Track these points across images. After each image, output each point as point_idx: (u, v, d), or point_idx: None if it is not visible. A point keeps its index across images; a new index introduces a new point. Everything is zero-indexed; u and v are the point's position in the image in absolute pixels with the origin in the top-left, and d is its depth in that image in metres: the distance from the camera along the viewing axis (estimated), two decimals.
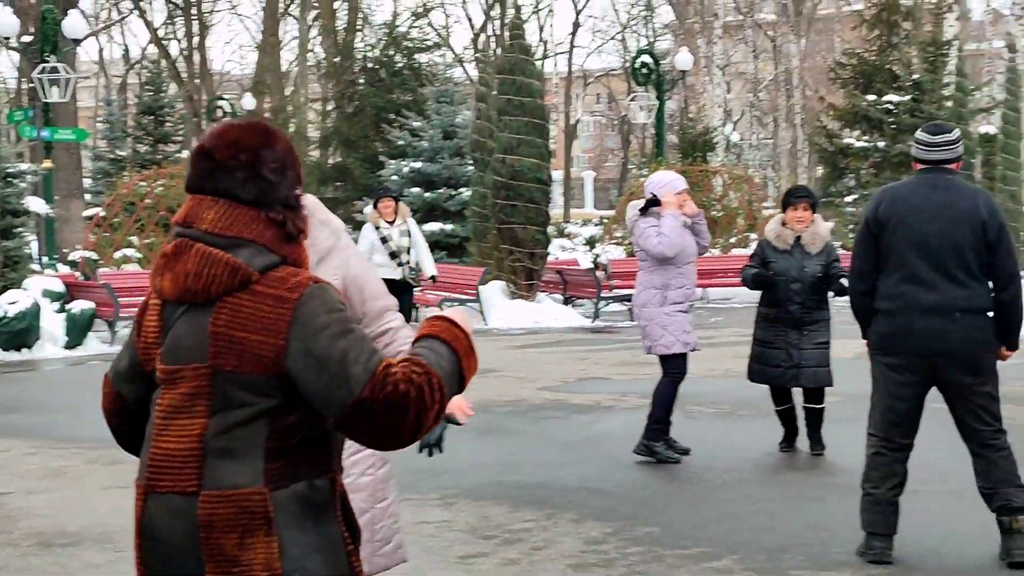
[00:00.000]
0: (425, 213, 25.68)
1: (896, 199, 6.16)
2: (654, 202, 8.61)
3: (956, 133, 6.36)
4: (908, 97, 27.20)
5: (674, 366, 8.76)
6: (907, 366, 6.09)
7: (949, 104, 24.70)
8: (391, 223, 14.70)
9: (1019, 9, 35.33)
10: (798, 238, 8.90)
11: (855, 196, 27.72)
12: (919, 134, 6.36)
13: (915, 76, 28.05)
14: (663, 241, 8.51)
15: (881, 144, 27.14)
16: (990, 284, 6.13)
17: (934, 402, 6.34)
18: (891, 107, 27.27)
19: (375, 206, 14.97)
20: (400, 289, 13.94)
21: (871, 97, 27.87)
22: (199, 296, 2.76)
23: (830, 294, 8.99)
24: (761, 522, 7.11)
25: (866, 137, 28.06)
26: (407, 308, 14.89)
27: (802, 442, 9.17)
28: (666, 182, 8.85)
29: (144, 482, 2.81)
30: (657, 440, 8.83)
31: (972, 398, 6.13)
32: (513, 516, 7.34)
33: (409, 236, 14.79)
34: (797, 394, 9.15)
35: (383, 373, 2.68)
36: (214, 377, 2.74)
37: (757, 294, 9.21)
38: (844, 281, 8.79)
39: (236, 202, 2.81)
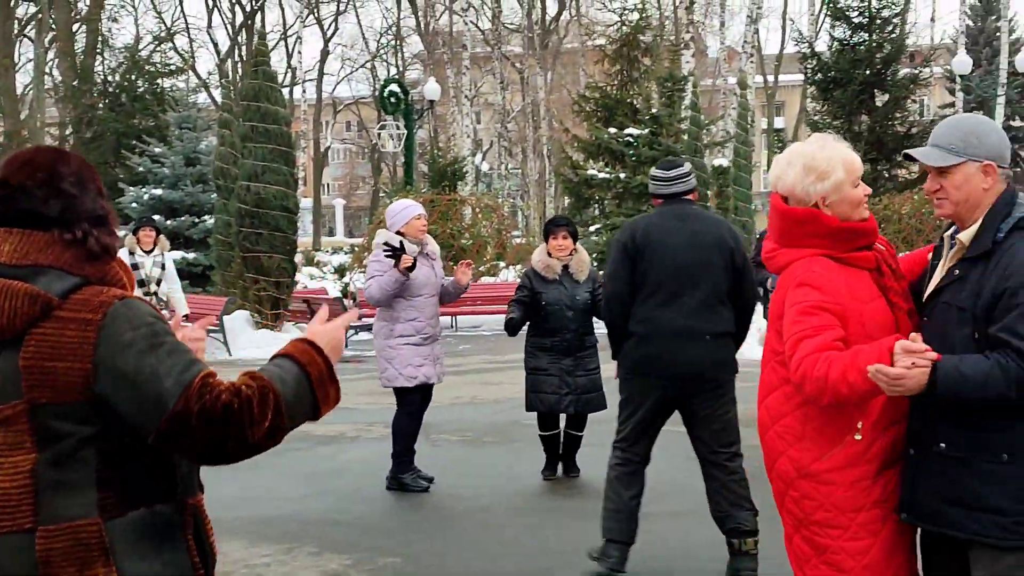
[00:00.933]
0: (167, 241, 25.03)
1: (651, 227, 6.40)
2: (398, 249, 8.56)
3: (687, 166, 6.68)
4: (647, 130, 28.11)
5: (404, 400, 8.77)
6: (657, 387, 6.32)
7: (685, 137, 25.62)
8: (148, 252, 14.37)
9: (751, 48, 37.07)
10: (566, 267, 9.03)
11: (598, 226, 28.48)
12: (654, 171, 6.65)
13: (654, 110, 29.03)
14: (367, 288, 8.59)
15: (623, 175, 27.92)
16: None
17: (672, 424, 6.56)
18: (631, 140, 28.12)
19: (135, 233, 14.62)
20: None
21: (613, 130, 28.68)
22: (6, 332, 2.67)
23: (595, 320, 9.14)
24: (501, 549, 7.18)
25: (608, 168, 28.83)
26: None
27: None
28: (400, 210, 8.87)
29: None
30: (404, 472, 8.84)
31: (714, 421, 6.39)
32: (251, 551, 7.20)
33: (163, 268, 14.49)
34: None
35: (200, 384, 2.61)
36: (33, 412, 2.66)
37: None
38: None
39: (35, 228, 2.73)
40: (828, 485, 3.66)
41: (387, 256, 8.49)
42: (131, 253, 14.36)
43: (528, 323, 9.07)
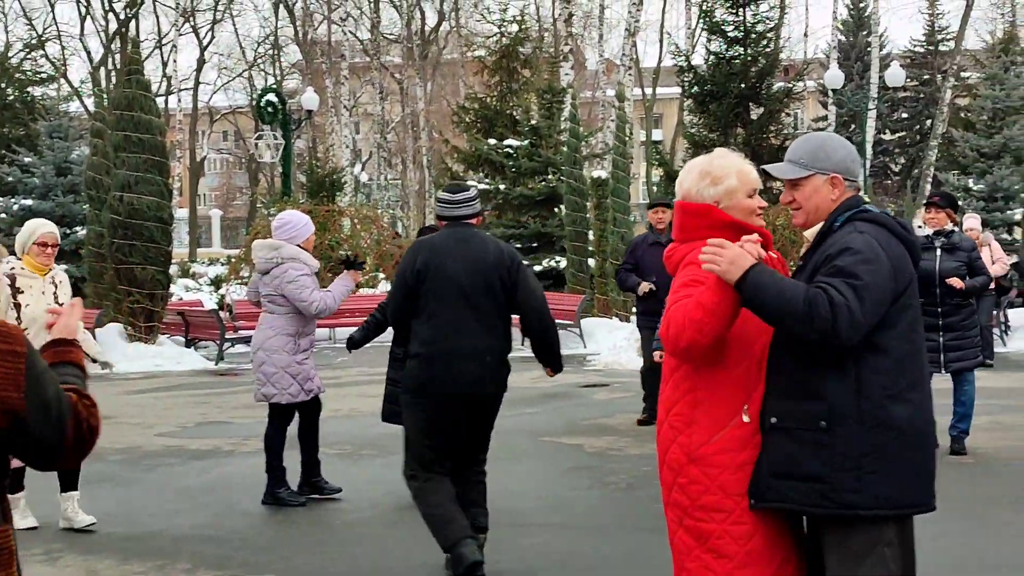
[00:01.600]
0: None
1: (433, 251, 6.61)
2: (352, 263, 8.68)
3: (473, 191, 6.90)
4: (527, 142, 28.24)
5: (282, 414, 8.71)
6: (445, 407, 6.53)
7: (565, 148, 25.78)
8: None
9: (628, 61, 37.45)
10: None
11: None
12: (440, 194, 6.91)
13: (533, 121, 29.17)
14: (318, 303, 8.46)
15: (502, 186, 27.99)
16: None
17: (561, 437, 6.59)
18: (511, 151, 28.22)
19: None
20: None
21: (492, 141, 28.74)
22: None
23: None
24: (378, 562, 7.14)
25: (488, 179, 28.89)
26: None
27: None
28: (303, 224, 8.77)
29: None
30: (279, 487, 8.75)
31: (482, 432, 6.77)
32: (122, 568, 7.05)
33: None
34: None
35: (74, 412, 2.82)
36: None
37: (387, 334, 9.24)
38: None
39: None
40: (716, 468, 3.79)
41: (345, 265, 8.67)
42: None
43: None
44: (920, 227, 10.01)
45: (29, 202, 25.89)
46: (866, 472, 3.55)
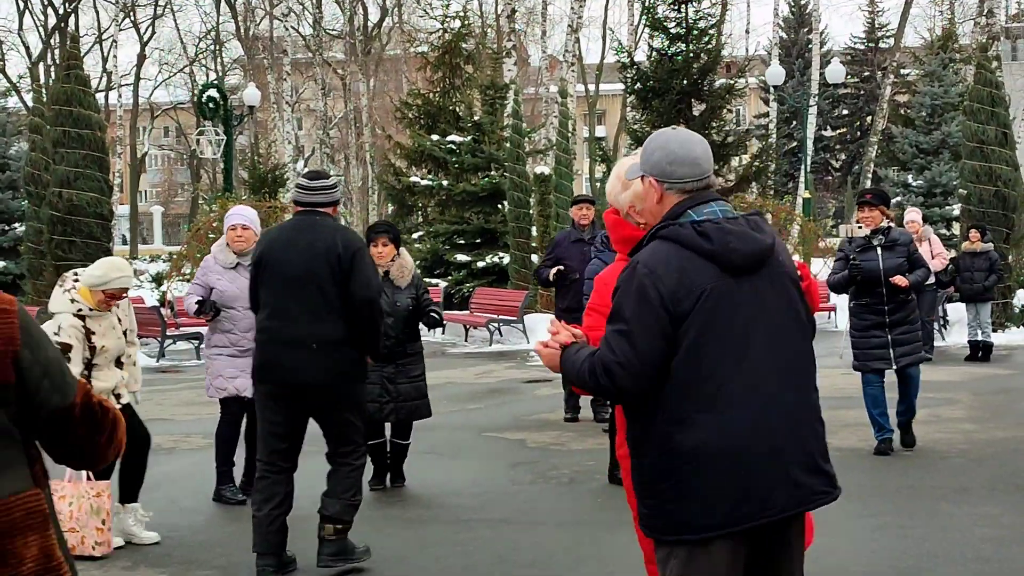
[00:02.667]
0: None
1: (270, 242, 6.73)
2: None
3: (333, 180, 6.93)
4: (470, 138, 28.21)
5: (223, 409, 8.73)
6: (279, 395, 6.59)
7: (508, 144, 25.78)
8: None
9: (572, 57, 37.51)
10: (387, 273, 8.76)
11: (421, 233, 28.48)
12: (300, 179, 6.94)
13: (476, 117, 29.16)
14: (186, 298, 8.70)
15: (445, 182, 27.97)
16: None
17: (504, 432, 6.60)
18: (454, 147, 28.19)
19: None
20: None
21: (435, 137, 28.70)
22: None
23: (422, 327, 9.07)
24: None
25: (431, 176, 28.84)
26: None
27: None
28: (227, 218, 8.75)
29: None
30: (223, 483, 8.73)
31: (333, 423, 6.69)
32: None
33: None
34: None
35: (83, 387, 3.02)
36: None
37: None
38: (435, 313, 8.99)
39: None
40: (627, 470, 3.90)
41: (195, 310, 8.53)
42: None
43: None
44: (858, 227, 10.06)
45: None
46: (664, 498, 3.54)
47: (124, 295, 7.41)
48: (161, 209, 69.29)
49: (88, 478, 7.19)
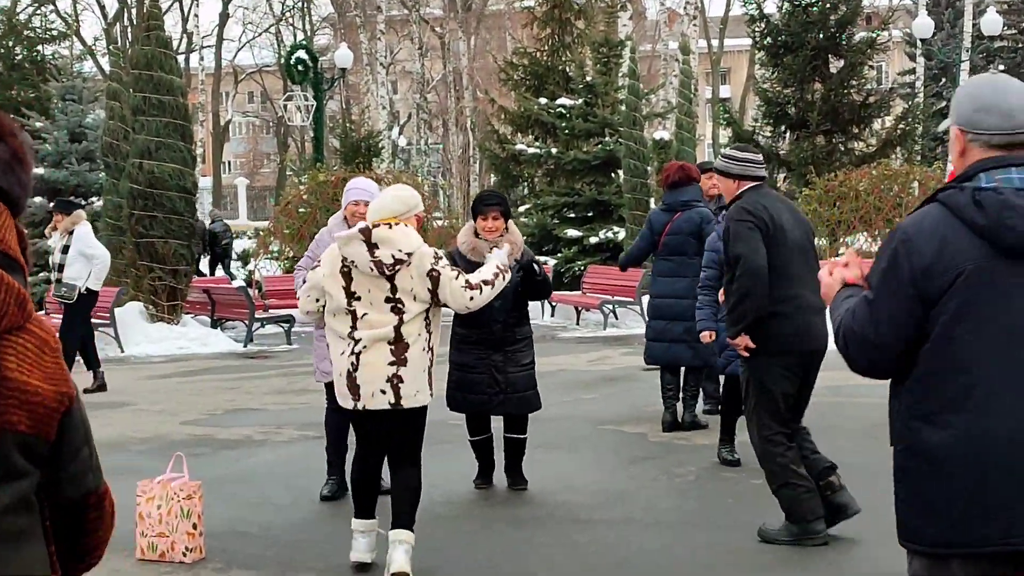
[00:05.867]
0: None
1: (774, 211, 7.39)
2: None
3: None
4: (581, 100, 28.14)
5: (328, 394, 8.74)
6: (802, 364, 7.36)
7: (623, 108, 25.68)
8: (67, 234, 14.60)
9: (693, 10, 37.26)
10: (494, 248, 8.47)
11: (528, 206, 28.47)
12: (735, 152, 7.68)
13: (588, 78, 29.07)
14: (296, 278, 8.68)
15: (554, 150, 27.93)
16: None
17: (623, 424, 6.61)
18: (564, 111, 28.16)
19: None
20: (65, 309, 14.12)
21: (543, 100, 28.69)
22: None
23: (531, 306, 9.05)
24: (428, 561, 7.17)
25: (539, 143, 28.85)
26: (69, 332, 14.10)
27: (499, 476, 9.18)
28: (346, 190, 8.85)
29: None
30: (331, 475, 8.81)
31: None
32: (147, 568, 7.15)
33: (66, 252, 14.48)
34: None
35: (105, 488, 2.69)
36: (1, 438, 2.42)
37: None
38: (535, 264, 8.82)
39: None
40: None
41: None
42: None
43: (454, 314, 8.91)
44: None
45: (41, 171, 26.10)
46: (900, 498, 3.48)
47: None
48: (246, 181, 70.18)
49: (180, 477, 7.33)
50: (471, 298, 6.78)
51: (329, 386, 8.64)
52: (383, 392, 6.67)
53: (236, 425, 12.15)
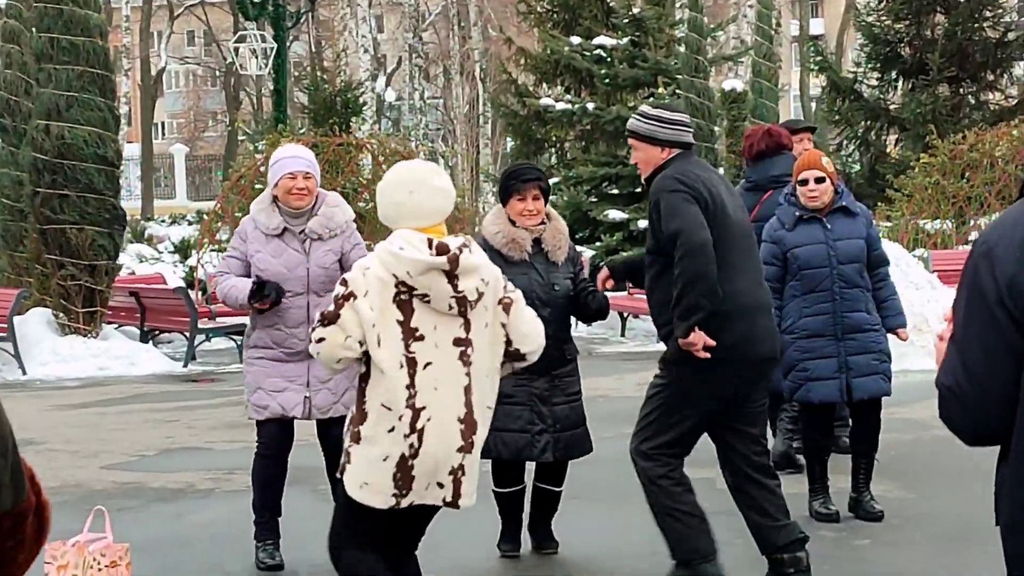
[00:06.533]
0: None
1: (710, 184, 7.56)
2: None
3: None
4: (626, 40, 28.09)
5: (259, 434, 8.58)
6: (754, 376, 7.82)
7: (681, 49, 25.66)
8: None
9: None
10: (537, 241, 8.45)
11: (556, 179, 28.35)
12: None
13: (635, 11, 29.01)
14: (218, 284, 8.58)
15: (591, 105, 27.86)
16: None
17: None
18: (604, 54, 28.11)
19: None
20: None
21: (576, 40, 28.65)
22: None
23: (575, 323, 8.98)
24: None
25: (570, 96, 28.82)
26: None
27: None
28: (274, 162, 8.66)
29: None
30: (259, 539, 8.58)
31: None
32: None
33: None
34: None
35: (33, 477, 2.91)
36: None
37: None
38: (593, 291, 8.65)
39: None
40: None
41: (253, 300, 8.26)
42: None
43: None
44: None
45: None
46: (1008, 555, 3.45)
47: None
48: (185, 149, 70.33)
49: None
50: (540, 331, 6.40)
51: (263, 424, 8.48)
52: (440, 486, 6.12)
53: (174, 470, 12.16)
